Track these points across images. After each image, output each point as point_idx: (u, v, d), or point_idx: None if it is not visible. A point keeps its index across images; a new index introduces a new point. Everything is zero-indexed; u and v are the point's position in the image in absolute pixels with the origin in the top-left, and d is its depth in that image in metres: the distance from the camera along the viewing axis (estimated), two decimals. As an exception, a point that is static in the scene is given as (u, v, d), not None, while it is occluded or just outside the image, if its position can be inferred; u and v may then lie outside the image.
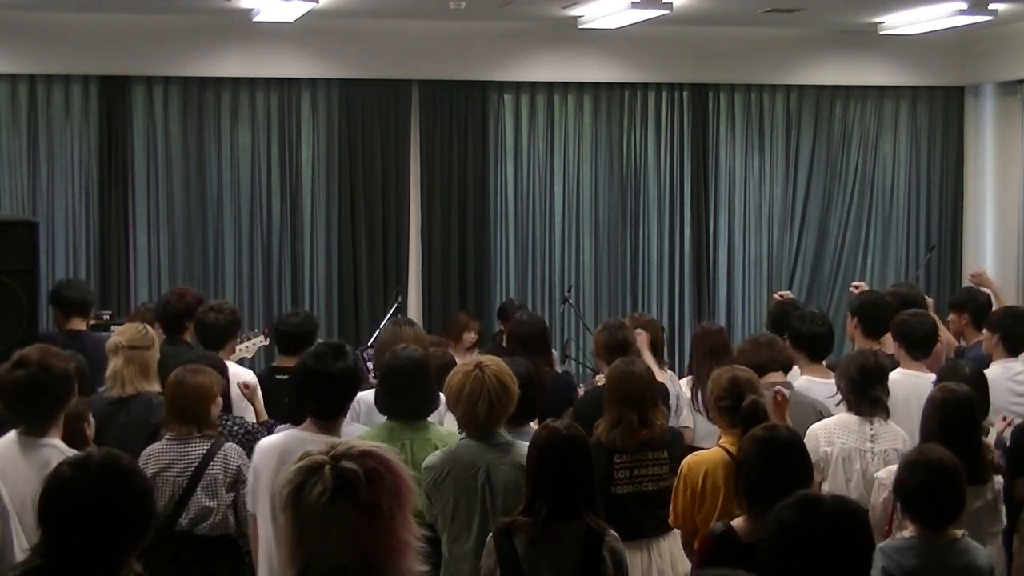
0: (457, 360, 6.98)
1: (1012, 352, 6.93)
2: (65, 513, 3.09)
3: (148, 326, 6.29)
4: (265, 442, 4.99)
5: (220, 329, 6.85)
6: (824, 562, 3.19)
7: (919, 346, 6.61)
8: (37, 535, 3.19)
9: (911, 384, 6.30)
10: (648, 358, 7.30)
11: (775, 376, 6.25)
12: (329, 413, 4.87)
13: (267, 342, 7.82)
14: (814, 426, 5.85)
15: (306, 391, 4.91)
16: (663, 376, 6.91)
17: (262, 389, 6.50)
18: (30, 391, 4.71)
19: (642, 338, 7.26)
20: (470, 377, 4.93)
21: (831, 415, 6.06)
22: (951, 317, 8.03)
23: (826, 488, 5.57)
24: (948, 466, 4.40)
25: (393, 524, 2.69)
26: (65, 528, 3.08)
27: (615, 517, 4.82)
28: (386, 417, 5.42)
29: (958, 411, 5.24)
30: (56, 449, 4.66)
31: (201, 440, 5.35)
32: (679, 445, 5.77)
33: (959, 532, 4.43)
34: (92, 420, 5.47)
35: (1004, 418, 6.14)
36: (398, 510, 2.70)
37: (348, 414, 6.11)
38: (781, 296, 8.48)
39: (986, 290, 8.16)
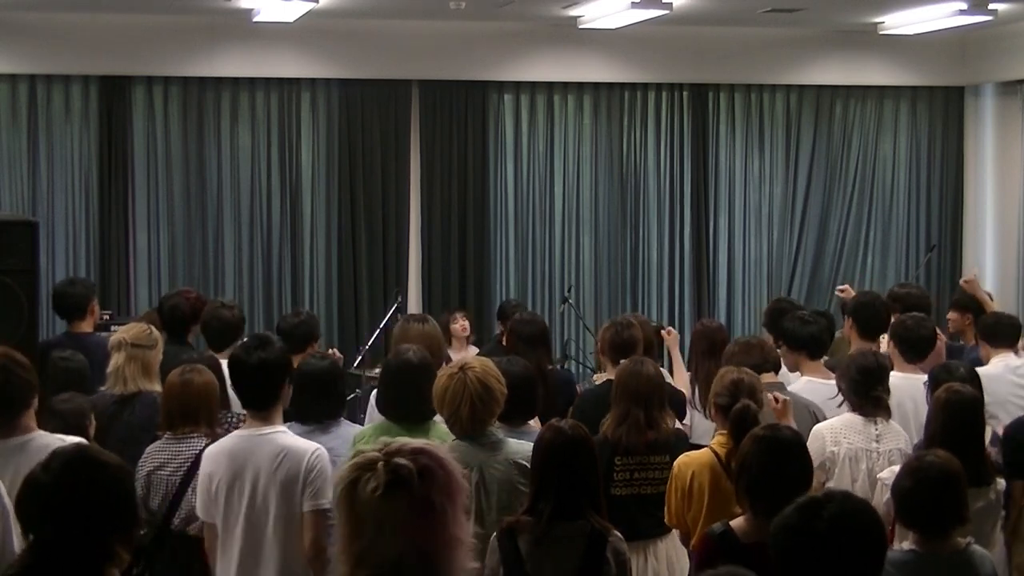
0: (455, 357, 7.01)
1: (998, 347, 6.99)
2: (38, 510, 3.13)
3: (153, 326, 6.27)
4: (214, 447, 4.94)
5: (233, 326, 6.86)
6: (830, 562, 3.18)
7: (914, 349, 6.62)
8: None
9: (905, 386, 6.31)
10: (677, 357, 7.33)
11: (767, 377, 6.24)
12: (255, 404, 4.85)
13: None
14: (819, 426, 5.86)
15: (234, 384, 4.96)
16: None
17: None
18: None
19: (672, 337, 7.30)
20: (453, 379, 4.96)
21: (825, 416, 6.07)
22: (953, 316, 8.06)
23: (831, 488, 5.56)
24: (941, 473, 4.32)
25: (445, 520, 2.74)
26: (42, 526, 3.12)
27: (613, 518, 4.83)
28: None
29: (962, 412, 5.22)
30: (46, 438, 4.66)
31: (197, 439, 5.32)
32: (683, 449, 5.77)
33: (963, 541, 4.34)
34: (93, 419, 5.46)
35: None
36: (450, 506, 2.75)
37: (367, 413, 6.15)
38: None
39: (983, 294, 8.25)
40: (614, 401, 5.71)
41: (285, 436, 4.85)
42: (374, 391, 6.24)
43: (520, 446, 4.92)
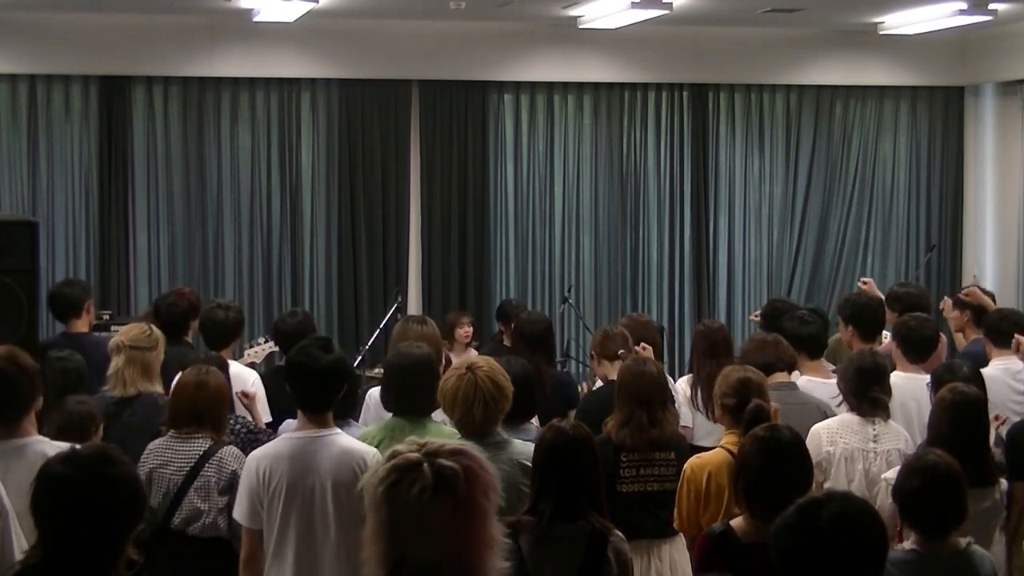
0: (455, 359, 7.00)
1: (1001, 345, 6.96)
2: (60, 507, 3.12)
3: (153, 327, 6.27)
4: (265, 451, 4.90)
5: (228, 327, 6.86)
6: (830, 562, 3.17)
7: (916, 349, 6.61)
8: (34, 535, 3.21)
9: (908, 386, 6.31)
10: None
11: (780, 376, 6.25)
12: (318, 407, 4.83)
13: (276, 348, 7.83)
14: (817, 426, 5.85)
15: (294, 386, 4.90)
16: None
17: (268, 389, 6.51)
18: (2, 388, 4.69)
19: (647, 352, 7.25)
20: (463, 380, 4.95)
21: (835, 415, 6.06)
22: (953, 314, 8.04)
23: (828, 488, 5.55)
24: (946, 472, 4.32)
25: (486, 521, 2.74)
26: (62, 522, 3.11)
27: (618, 516, 4.84)
28: (391, 414, 5.45)
29: (967, 412, 5.21)
30: (43, 444, 4.66)
31: (201, 440, 5.31)
32: (684, 449, 5.77)
33: (963, 541, 4.34)
34: (101, 426, 5.45)
35: (996, 416, 6.12)
36: (489, 507, 2.75)
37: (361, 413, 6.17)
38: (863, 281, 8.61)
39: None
40: (617, 403, 5.70)
41: (343, 437, 4.85)
42: (370, 391, 6.25)
43: (525, 447, 4.92)
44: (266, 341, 8.13)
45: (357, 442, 4.89)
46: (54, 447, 4.48)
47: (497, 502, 2.78)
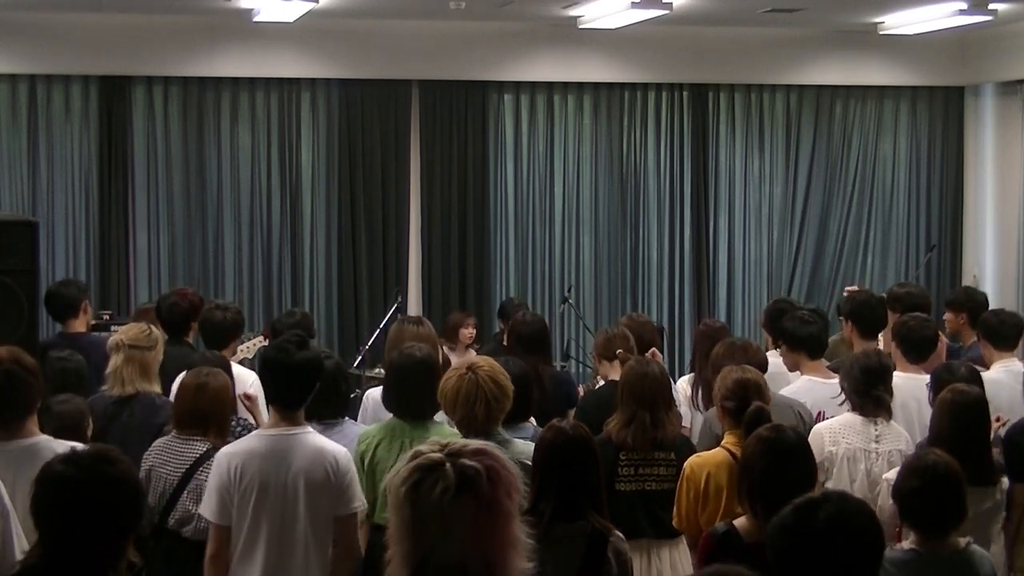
0: (454, 359, 7.01)
1: (1000, 348, 6.95)
2: (61, 507, 3.12)
3: (153, 327, 6.27)
4: (236, 448, 4.88)
5: (227, 327, 6.87)
6: (827, 562, 3.17)
7: (916, 350, 6.59)
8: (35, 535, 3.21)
9: (908, 386, 6.30)
10: None
11: None
12: (290, 403, 4.82)
13: (267, 343, 7.83)
14: (819, 426, 5.86)
15: (267, 381, 4.90)
16: None
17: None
18: (5, 388, 4.69)
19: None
20: (464, 380, 4.95)
21: (811, 416, 6.06)
22: (948, 316, 8.02)
23: (830, 488, 5.54)
24: (946, 472, 4.32)
25: (509, 521, 2.74)
26: (62, 522, 3.12)
27: (617, 515, 4.84)
28: (391, 415, 5.46)
29: (967, 412, 5.21)
30: (53, 443, 4.66)
31: (200, 443, 5.30)
32: (687, 450, 5.76)
33: (963, 541, 4.34)
34: (91, 421, 5.45)
35: (998, 418, 6.12)
36: (512, 507, 2.75)
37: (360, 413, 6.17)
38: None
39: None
40: (620, 403, 5.69)
41: (316, 436, 4.85)
42: (369, 391, 6.25)
43: (525, 446, 4.93)
44: (256, 335, 8.13)
45: (329, 441, 4.88)
46: (64, 447, 4.48)
47: (519, 502, 2.78)
